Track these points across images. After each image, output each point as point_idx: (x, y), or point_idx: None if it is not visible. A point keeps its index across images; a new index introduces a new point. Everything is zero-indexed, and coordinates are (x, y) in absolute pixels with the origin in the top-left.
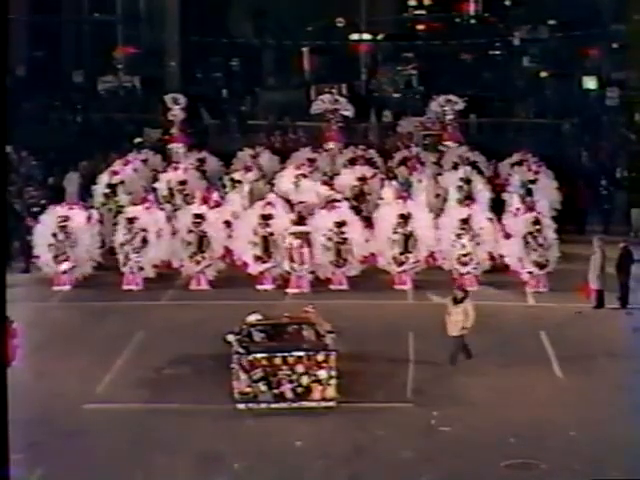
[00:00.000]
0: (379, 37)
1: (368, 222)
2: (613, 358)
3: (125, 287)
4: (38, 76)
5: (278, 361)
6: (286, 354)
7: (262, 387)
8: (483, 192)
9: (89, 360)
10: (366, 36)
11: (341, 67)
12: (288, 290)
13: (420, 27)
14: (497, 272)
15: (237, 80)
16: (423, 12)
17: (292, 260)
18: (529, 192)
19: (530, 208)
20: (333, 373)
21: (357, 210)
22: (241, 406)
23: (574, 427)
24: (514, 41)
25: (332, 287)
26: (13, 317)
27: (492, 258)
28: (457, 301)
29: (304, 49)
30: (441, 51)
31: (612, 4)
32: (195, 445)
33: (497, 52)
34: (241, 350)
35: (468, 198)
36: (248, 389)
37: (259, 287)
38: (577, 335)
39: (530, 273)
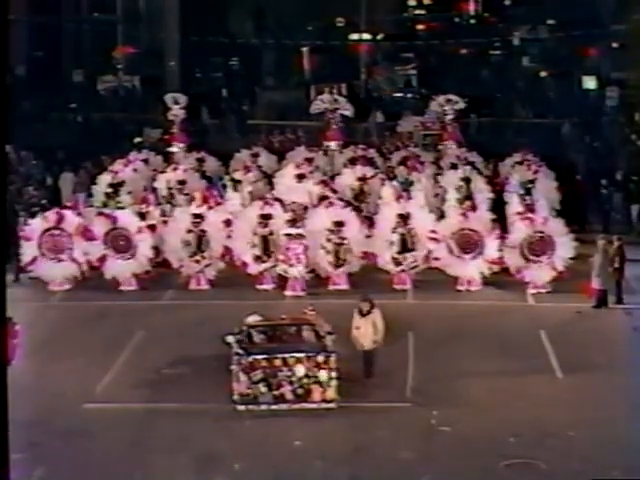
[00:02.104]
0: (379, 37)
1: (368, 222)
2: (613, 358)
3: None
4: (38, 76)
5: (278, 362)
6: (286, 355)
7: (262, 388)
8: (483, 192)
9: (89, 360)
10: (366, 36)
11: (341, 67)
12: (285, 292)
13: (420, 27)
14: (497, 272)
15: (237, 80)
16: (423, 12)
17: (286, 262)
18: (529, 192)
19: (530, 208)
20: (333, 374)
21: (357, 210)
22: (241, 408)
23: (574, 427)
24: (514, 41)
25: (331, 287)
26: (13, 317)
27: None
28: (363, 314)
29: (304, 49)
30: (441, 51)
31: (612, 4)
32: (195, 445)
33: (497, 52)
34: (241, 351)
35: (468, 198)
36: (248, 390)
37: (259, 287)
38: (577, 335)
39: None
